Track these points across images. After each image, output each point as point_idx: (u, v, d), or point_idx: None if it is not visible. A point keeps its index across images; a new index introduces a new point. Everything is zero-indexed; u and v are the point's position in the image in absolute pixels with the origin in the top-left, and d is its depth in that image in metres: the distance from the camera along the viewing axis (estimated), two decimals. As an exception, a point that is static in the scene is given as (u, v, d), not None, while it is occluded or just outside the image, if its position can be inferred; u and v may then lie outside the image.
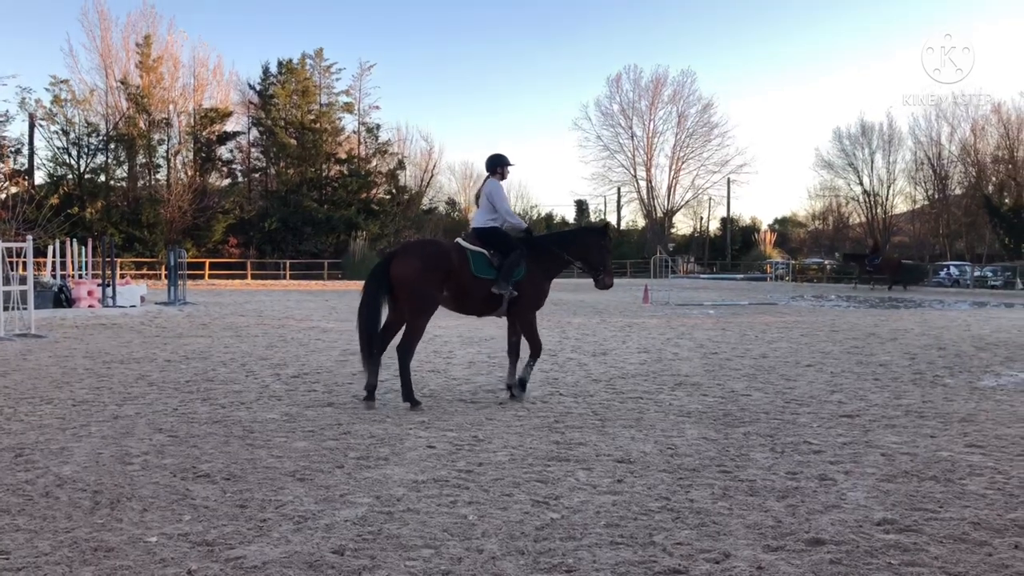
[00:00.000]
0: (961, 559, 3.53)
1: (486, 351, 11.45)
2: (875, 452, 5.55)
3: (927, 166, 57.05)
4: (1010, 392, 8.19)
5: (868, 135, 61.16)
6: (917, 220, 60.36)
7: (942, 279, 43.20)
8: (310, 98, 55.70)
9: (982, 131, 53.91)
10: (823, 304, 25.39)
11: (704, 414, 6.96)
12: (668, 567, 3.42)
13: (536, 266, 7.73)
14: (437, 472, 4.94)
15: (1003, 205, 50.03)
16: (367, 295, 7.32)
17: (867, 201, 62.32)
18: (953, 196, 56.52)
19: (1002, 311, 22.36)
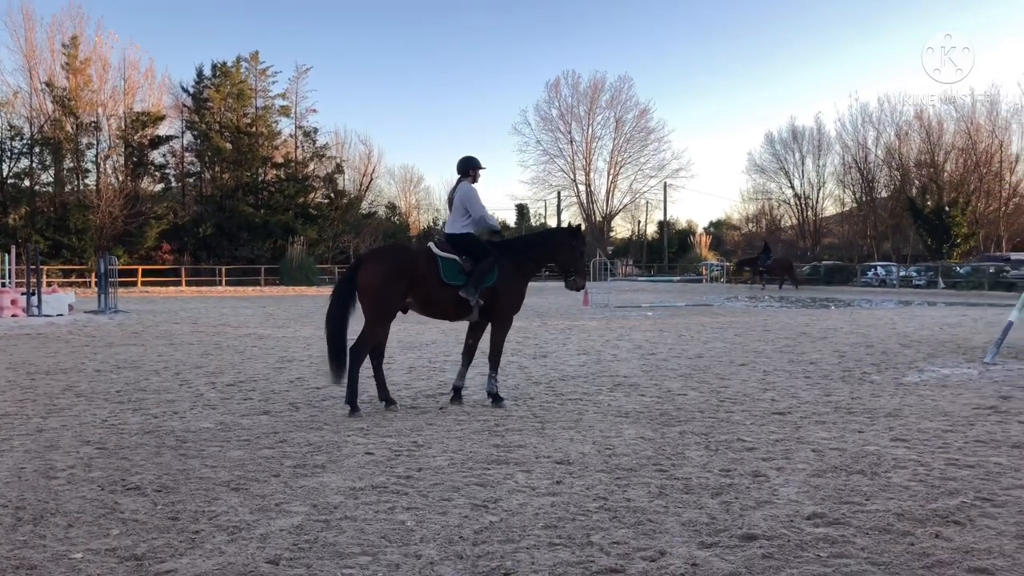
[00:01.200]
0: (886, 549, 3.65)
1: (427, 356, 11.40)
2: (806, 448, 5.70)
3: (855, 170, 58.88)
4: (933, 387, 8.50)
5: (799, 139, 62.93)
6: (846, 222, 62.20)
7: (869, 279, 44.67)
8: (245, 102, 54.74)
9: (906, 136, 55.86)
10: (756, 305, 25.98)
11: (641, 414, 7.06)
12: (605, 566, 3.46)
13: (511, 270, 7.65)
14: (375, 478, 4.90)
15: (925, 207, 51.87)
16: (335, 301, 7.28)
17: (798, 204, 64.04)
18: (879, 199, 58.39)
19: (925, 309, 23.22)
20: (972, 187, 52.02)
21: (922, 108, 54.40)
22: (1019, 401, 7.58)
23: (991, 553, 3.60)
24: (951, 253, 48.23)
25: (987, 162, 52.21)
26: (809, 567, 3.44)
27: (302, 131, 57.47)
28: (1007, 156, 52.42)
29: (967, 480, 4.82)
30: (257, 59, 55.30)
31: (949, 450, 5.62)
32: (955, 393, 8.09)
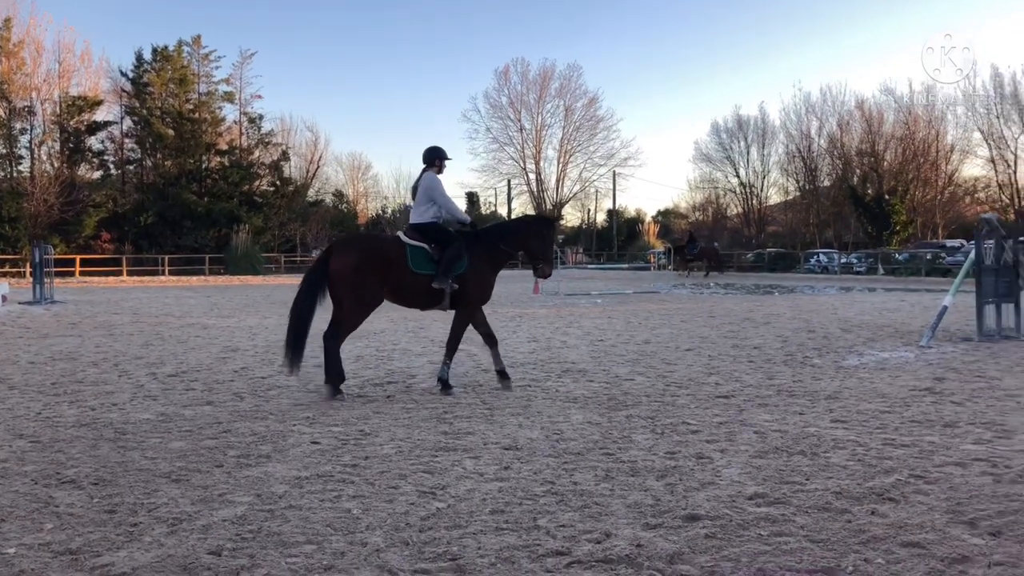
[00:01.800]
0: (824, 527, 3.74)
1: (375, 345, 11.31)
2: (749, 430, 5.81)
3: (798, 159, 60.07)
4: (871, 370, 8.73)
5: (744, 129, 63.97)
6: (790, 210, 63.46)
7: (812, 266, 45.67)
8: (188, 87, 53.48)
9: (847, 125, 57.20)
10: (702, 292, 26.37)
11: (590, 399, 7.11)
12: (551, 549, 3.48)
13: (480, 258, 7.62)
14: (321, 467, 4.85)
15: (866, 196, 53.22)
16: (304, 289, 7.25)
17: (743, 192, 65.17)
18: (822, 187, 59.69)
19: (866, 295, 23.83)
20: (910, 176, 53.52)
21: (863, 99, 55.77)
22: (952, 383, 7.83)
23: (923, 528, 3.71)
24: (890, 240, 49.58)
25: (924, 152, 53.75)
26: (750, 546, 3.51)
27: (247, 117, 56.45)
28: (943, 146, 54.05)
29: (902, 459, 4.96)
30: (200, 43, 54.08)
31: (886, 430, 5.78)
32: (892, 376, 8.32)
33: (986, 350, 10.34)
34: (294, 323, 7.21)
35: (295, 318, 7.21)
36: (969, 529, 3.70)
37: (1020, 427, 5.84)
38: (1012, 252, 12.03)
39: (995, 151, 51.05)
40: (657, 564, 3.30)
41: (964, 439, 5.48)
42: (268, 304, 20.55)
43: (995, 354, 9.91)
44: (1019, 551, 3.42)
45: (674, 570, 3.25)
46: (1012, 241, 12.27)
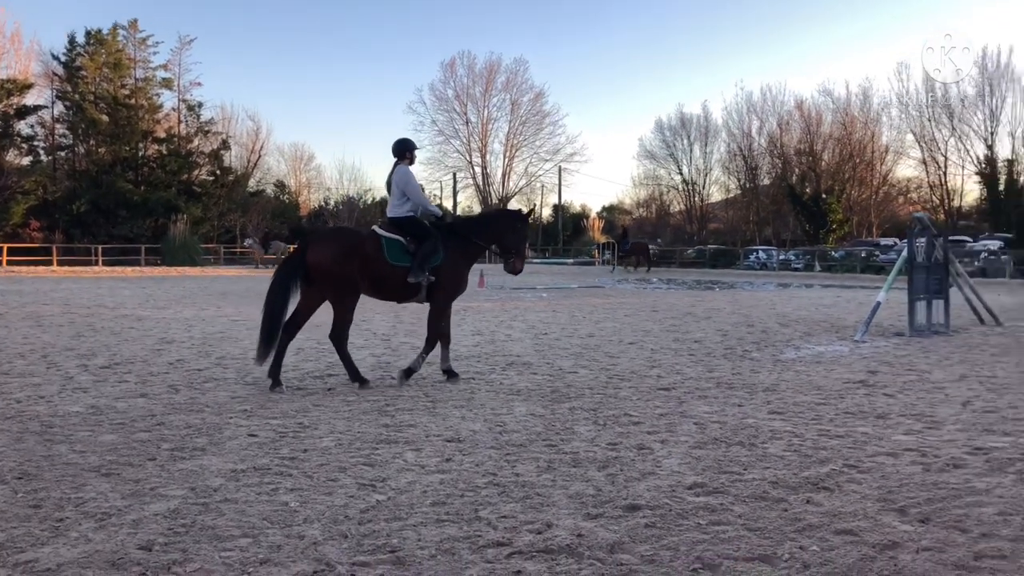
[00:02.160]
0: (761, 516, 3.80)
1: (315, 337, 11.13)
2: (689, 422, 5.88)
3: (739, 157, 61.16)
4: (807, 363, 8.93)
5: (687, 126, 64.79)
6: (731, 208, 64.60)
7: (752, 263, 46.57)
8: (123, 72, 51.95)
9: (787, 125, 58.46)
10: (645, 287, 26.67)
11: (533, 392, 7.11)
12: (492, 540, 3.46)
13: (455, 252, 7.62)
14: (258, 460, 4.74)
15: (804, 194, 54.46)
16: (278, 280, 7.23)
17: (686, 189, 66.06)
18: (762, 186, 60.90)
19: (803, 291, 24.40)
20: (847, 176, 54.98)
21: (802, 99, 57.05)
22: (885, 376, 8.06)
23: (856, 516, 3.79)
24: (827, 238, 50.84)
25: (860, 152, 55.27)
26: (689, 534, 3.54)
27: (186, 105, 55.11)
28: (878, 147, 55.65)
29: (836, 449, 5.07)
30: (136, 27, 52.63)
31: (821, 421, 5.91)
32: (828, 369, 8.52)
33: (917, 344, 10.67)
34: (268, 315, 7.14)
35: (269, 310, 7.15)
36: (899, 516, 3.79)
37: (948, 418, 6.03)
38: (942, 250, 12.43)
39: (927, 153, 52.75)
40: (597, 554, 3.31)
41: (895, 430, 5.64)
42: (206, 295, 20.09)
43: (925, 348, 10.23)
44: (946, 536, 3.52)
45: (614, 559, 3.26)
46: (942, 240, 12.68)
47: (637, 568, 3.17)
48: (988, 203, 48.11)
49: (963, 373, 8.21)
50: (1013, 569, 3.17)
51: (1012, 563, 3.23)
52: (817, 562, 3.24)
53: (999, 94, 48.46)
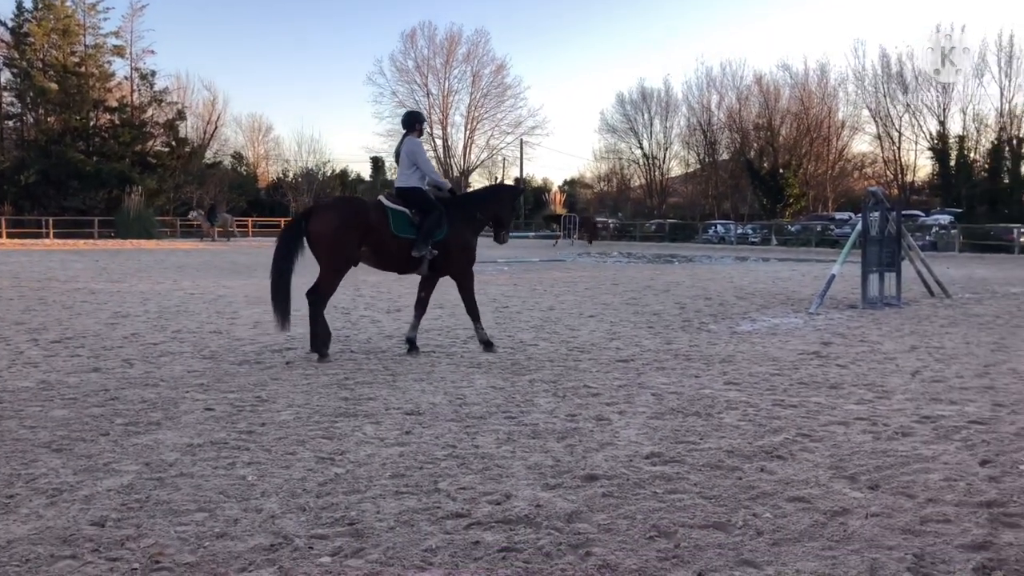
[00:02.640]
0: (716, 484, 3.87)
1: (274, 310, 11.01)
2: (647, 392, 5.94)
3: (699, 132, 61.53)
4: (763, 335, 9.08)
5: (648, 101, 64.94)
6: (690, 182, 65.08)
7: (710, 236, 47.09)
8: (73, 38, 50.26)
9: (746, 100, 58.89)
10: (606, 261, 26.82)
11: (493, 364, 7.13)
12: (451, 511, 3.47)
13: (461, 225, 7.75)
14: (215, 434, 4.69)
15: (762, 169, 55.07)
16: (281, 251, 7.23)
17: (647, 164, 66.32)
18: (721, 160, 61.41)
19: (760, 264, 24.74)
20: (804, 151, 55.66)
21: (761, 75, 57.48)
22: (838, 347, 8.22)
23: (808, 483, 3.88)
24: (784, 212, 51.54)
25: (817, 127, 55.97)
26: (646, 503, 3.60)
27: (139, 73, 53.57)
28: (834, 122, 56.39)
29: (790, 419, 5.18)
30: (86, -9, 50.82)
31: (775, 392, 6.02)
32: (783, 340, 8.67)
33: (869, 316, 10.90)
34: (275, 283, 7.19)
35: (276, 278, 7.19)
36: (850, 484, 3.89)
37: (898, 388, 6.18)
38: (895, 224, 12.68)
39: (881, 128, 53.61)
40: (555, 523, 3.34)
41: (847, 400, 5.76)
42: (162, 269, 19.74)
43: (877, 320, 10.46)
44: (894, 502, 3.62)
45: (571, 528, 3.29)
46: (895, 214, 12.92)
47: (594, 537, 3.21)
48: (939, 178, 49.08)
49: (913, 344, 8.42)
50: (956, 532, 3.28)
51: (956, 527, 3.34)
52: (770, 529, 3.31)
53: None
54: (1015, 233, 34.58)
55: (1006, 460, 4.28)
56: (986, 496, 3.70)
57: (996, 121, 47.02)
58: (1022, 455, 4.38)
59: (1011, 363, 7.32)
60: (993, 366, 7.17)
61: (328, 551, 3.06)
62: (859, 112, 55.25)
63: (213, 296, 12.95)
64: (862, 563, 2.97)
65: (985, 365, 7.21)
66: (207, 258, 24.81)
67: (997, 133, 46.65)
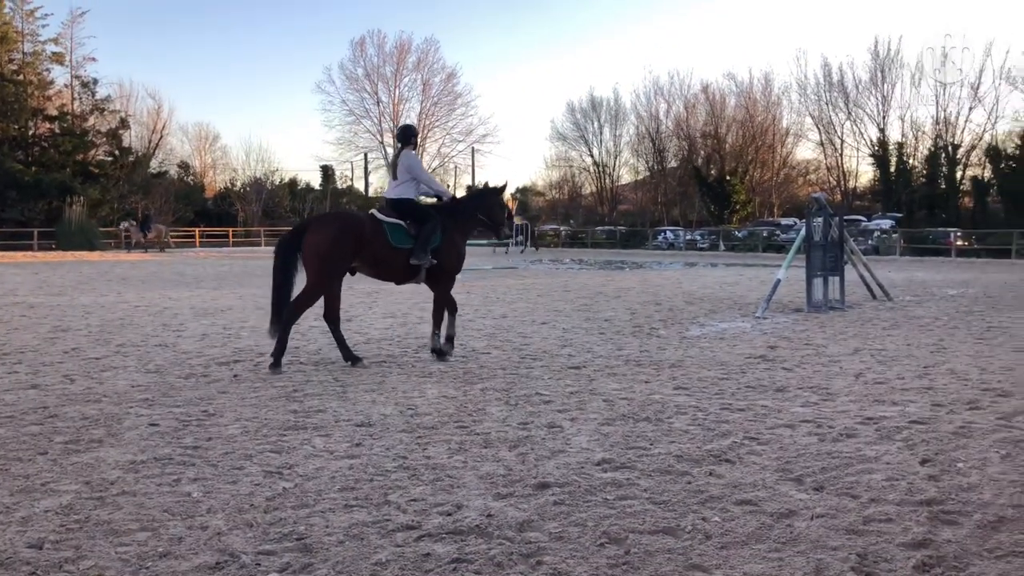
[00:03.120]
0: (666, 489, 3.91)
1: (221, 323, 10.84)
2: (598, 399, 5.98)
3: (648, 139, 62.27)
4: (711, 340, 9.20)
5: (597, 109, 65.51)
6: (640, 189, 65.81)
7: (660, 243, 47.66)
8: (10, 45, 48.83)
9: (693, 109, 59.80)
10: (558, 267, 26.95)
11: (445, 374, 7.10)
12: (402, 524, 3.44)
13: (452, 230, 7.94)
14: (159, 451, 4.58)
15: (710, 176, 55.97)
16: (279, 259, 7.40)
17: (597, 171, 66.86)
18: (669, 168, 62.23)
19: (708, 270, 25.10)
20: (749, 158, 56.76)
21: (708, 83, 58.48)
22: (784, 351, 8.38)
23: (755, 486, 3.94)
24: (731, 218, 52.43)
25: (762, 135, 57.13)
26: (597, 510, 3.61)
27: (79, 81, 52.33)
28: (779, 130, 57.63)
29: (738, 422, 5.25)
30: (23, -2, 49.44)
31: (724, 396, 6.10)
32: (731, 344, 8.80)
33: (814, 320, 11.13)
34: (275, 291, 7.40)
35: (275, 286, 7.40)
36: (796, 485, 3.96)
37: (842, 390, 6.32)
38: (838, 229, 12.98)
39: (824, 136, 54.87)
40: (507, 533, 3.34)
41: (793, 402, 5.87)
42: (105, 281, 19.26)
43: (822, 323, 10.68)
44: (838, 503, 3.70)
45: (523, 538, 3.29)
46: (838, 219, 13.23)
47: (545, 545, 3.21)
48: (880, 184, 50.40)
49: (856, 347, 8.62)
50: (898, 531, 3.36)
51: (897, 525, 3.42)
52: (718, 532, 3.35)
53: (890, 80, 50.77)
54: (952, 237, 35.69)
55: (945, 459, 4.40)
56: (926, 495, 3.80)
57: (932, 128, 48.54)
58: (960, 454, 4.51)
59: (949, 364, 7.54)
60: (932, 367, 7.37)
61: (276, 567, 3.01)
62: (802, 120, 56.58)
63: (159, 308, 12.68)
64: (808, 564, 3.03)
65: (925, 366, 7.41)
66: (153, 269, 24.28)
67: (934, 140, 48.12)
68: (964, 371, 7.15)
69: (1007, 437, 4.86)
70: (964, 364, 7.52)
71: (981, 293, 15.67)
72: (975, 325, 10.52)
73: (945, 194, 46.41)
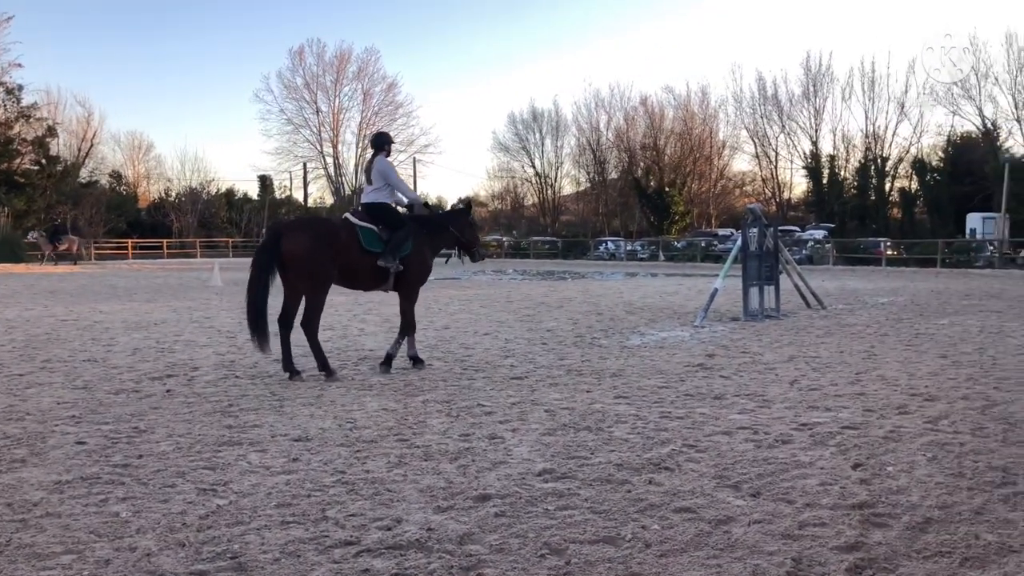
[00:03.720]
0: (606, 498, 3.92)
1: (154, 336, 10.54)
2: (540, 409, 5.98)
3: (589, 151, 62.92)
4: (651, 349, 9.31)
5: (539, 120, 65.96)
6: (581, 200, 66.43)
7: (601, 253, 48.12)
8: (-71, 50, 46.96)
9: (632, 121, 60.68)
10: (501, 278, 26.99)
11: (386, 386, 7.02)
12: (340, 540, 3.38)
13: (424, 242, 8.00)
14: (86, 470, 4.42)
15: (649, 187, 56.83)
16: (255, 271, 7.30)
17: (539, 182, 67.27)
18: (610, 179, 62.98)
19: (649, 280, 25.43)
20: (688, 169, 57.82)
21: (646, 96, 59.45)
22: (722, 359, 8.51)
23: (694, 493, 3.98)
24: (670, 229, 53.28)
25: (700, 147, 58.25)
26: (537, 521, 3.60)
27: (3, 88, 50.45)
28: (716, 142, 58.83)
29: (677, 430, 5.31)
30: (-57, 1, 47.65)
31: (663, 404, 6.17)
32: (670, 353, 8.91)
33: (751, 328, 11.35)
34: (251, 306, 7.29)
35: (251, 301, 7.28)
36: (734, 492, 4.02)
37: (778, 397, 6.44)
38: (773, 239, 13.28)
39: (760, 148, 56.27)
40: (447, 546, 3.30)
41: (731, 410, 5.97)
42: (31, 294, 18.56)
43: (758, 332, 10.90)
44: (774, 508, 3.76)
45: (463, 551, 3.26)
46: (773, 229, 13.54)
47: (486, 558, 3.19)
48: (813, 195, 51.86)
49: (791, 354, 8.81)
50: (831, 535, 3.42)
51: (831, 529, 3.49)
52: (657, 540, 3.37)
53: (822, 94, 52.34)
54: (882, 247, 36.86)
55: (875, 463, 4.52)
56: (858, 498, 3.89)
57: (862, 141, 50.22)
58: (890, 457, 4.64)
59: (880, 370, 7.76)
60: (864, 373, 7.58)
61: (208, 588, 2.92)
62: (738, 132, 57.93)
63: (88, 322, 12.27)
64: (745, 570, 3.07)
65: (857, 373, 7.61)
66: (83, 282, 23.51)
67: (864, 152, 49.76)
68: (894, 377, 7.37)
69: (934, 440, 5.02)
70: (894, 370, 7.75)
71: (909, 301, 16.21)
72: (904, 332, 10.86)
73: (875, 205, 47.98)
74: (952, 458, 4.61)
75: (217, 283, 21.38)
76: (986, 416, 5.70)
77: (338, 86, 66.23)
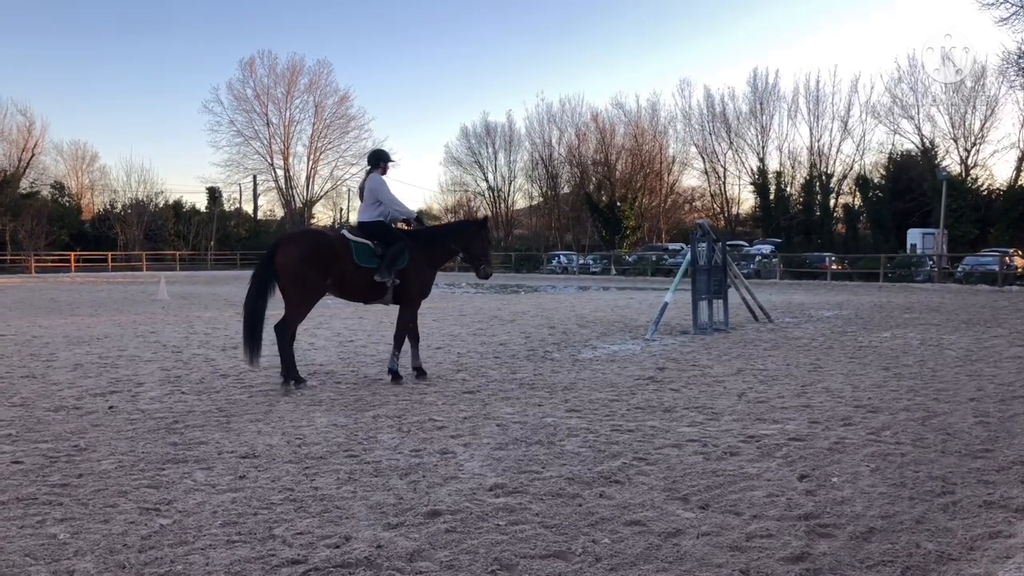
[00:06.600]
0: (557, 512, 3.92)
1: (97, 351, 10.27)
2: (492, 423, 5.97)
3: (541, 165, 63.28)
4: (603, 362, 9.37)
5: (492, 134, 66.12)
6: (534, 214, 66.70)
7: (554, 267, 48.35)
8: None
9: (584, 136, 61.21)
10: (454, 291, 26.92)
11: (336, 401, 6.94)
12: (287, 559, 3.32)
13: (421, 256, 8.06)
14: (23, 490, 4.27)
15: (601, 202, 57.33)
16: (254, 285, 7.46)
17: (492, 196, 67.37)
18: (563, 194, 63.39)
19: (600, 293, 25.62)
20: (638, 185, 58.43)
21: (597, 111, 60.08)
22: (672, 372, 8.60)
23: (644, 507, 4.01)
24: (622, 243, 53.78)
25: (650, 163, 58.99)
26: (488, 536, 3.59)
27: (-60, 95, 48.97)
28: (666, 158, 59.63)
29: (627, 443, 5.34)
30: None
31: (614, 417, 6.20)
32: (621, 366, 8.97)
33: (700, 341, 11.50)
34: (248, 319, 7.44)
35: (248, 314, 7.44)
36: (683, 504, 4.05)
37: (726, 409, 6.53)
38: (721, 254, 13.49)
39: (708, 164, 57.21)
40: (396, 563, 3.27)
41: (680, 422, 6.03)
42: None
43: (707, 345, 11.05)
44: (723, 520, 3.80)
45: (413, 568, 3.23)
46: (721, 244, 13.76)
47: (436, 574, 3.16)
48: (761, 211, 52.81)
49: (739, 367, 8.94)
50: (778, 546, 3.47)
51: (777, 540, 3.54)
52: (608, 554, 3.38)
53: (768, 111, 53.50)
54: (827, 261, 37.70)
55: (821, 474, 4.60)
56: (804, 509, 3.96)
57: (808, 158, 51.38)
58: (835, 468, 4.73)
59: (825, 382, 7.92)
60: (810, 385, 7.73)
61: (149, 611, 2.84)
62: (687, 148, 58.81)
63: (27, 337, 11.91)
64: (694, 582, 3.09)
65: (803, 385, 7.76)
66: (23, 295, 22.82)
67: (809, 169, 50.90)
68: (838, 389, 7.53)
69: (876, 451, 5.14)
70: (838, 382, 7.91)
71: (853, 314, 16.59)
72: (848, 345, 11.11)
73: (820, 220, 49.05)
74: (894, 468, 4.72)
75: (164, 297, 20.96)
76: (926, 427, 5.85)
77: (289, 98, 65.54)
